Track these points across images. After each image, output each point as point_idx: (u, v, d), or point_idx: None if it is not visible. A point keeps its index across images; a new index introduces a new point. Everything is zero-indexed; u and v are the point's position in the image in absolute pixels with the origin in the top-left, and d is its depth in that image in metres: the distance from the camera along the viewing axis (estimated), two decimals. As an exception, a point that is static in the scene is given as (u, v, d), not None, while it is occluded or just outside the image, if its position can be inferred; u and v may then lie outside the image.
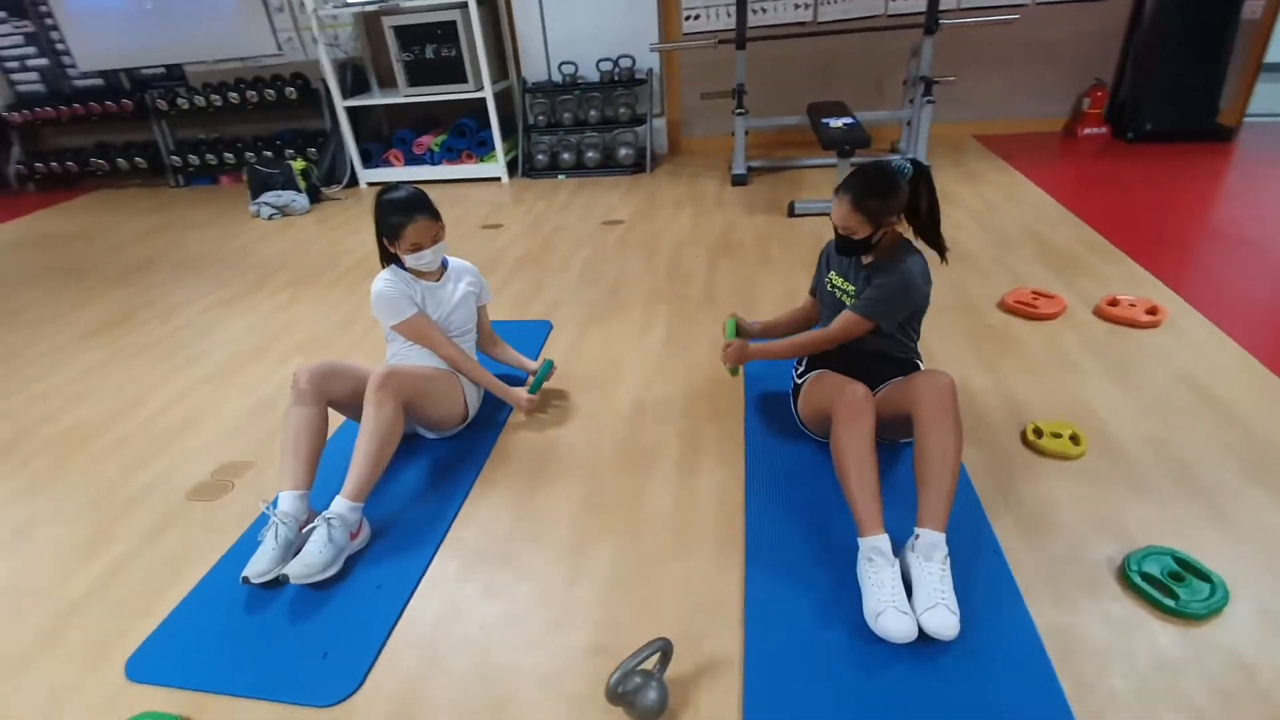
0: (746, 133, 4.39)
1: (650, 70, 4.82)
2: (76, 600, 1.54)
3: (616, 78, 4.77)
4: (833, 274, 1.78)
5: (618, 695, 1.12)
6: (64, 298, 3.41)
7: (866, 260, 1.71)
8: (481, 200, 4.40)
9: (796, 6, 4.67)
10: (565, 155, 4.80)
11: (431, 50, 4.48)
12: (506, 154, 4.78)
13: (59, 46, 5.32)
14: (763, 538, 1.54)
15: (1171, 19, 4.09)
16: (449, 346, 1.90)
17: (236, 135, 5.37)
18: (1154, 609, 1.29)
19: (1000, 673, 1.20)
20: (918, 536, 1.35)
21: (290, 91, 4.96)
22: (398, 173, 4.89)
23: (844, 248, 1.66)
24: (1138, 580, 1.33)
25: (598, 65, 4.79)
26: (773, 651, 1.27)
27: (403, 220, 1.76)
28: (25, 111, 5.38)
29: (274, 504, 1.56)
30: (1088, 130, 4.61)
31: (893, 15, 4.60)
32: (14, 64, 5.45)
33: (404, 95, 4.67)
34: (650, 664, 1.18)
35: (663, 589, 1.44)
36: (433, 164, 4.87)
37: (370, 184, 4.95)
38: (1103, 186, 3.70)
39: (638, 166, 4.76)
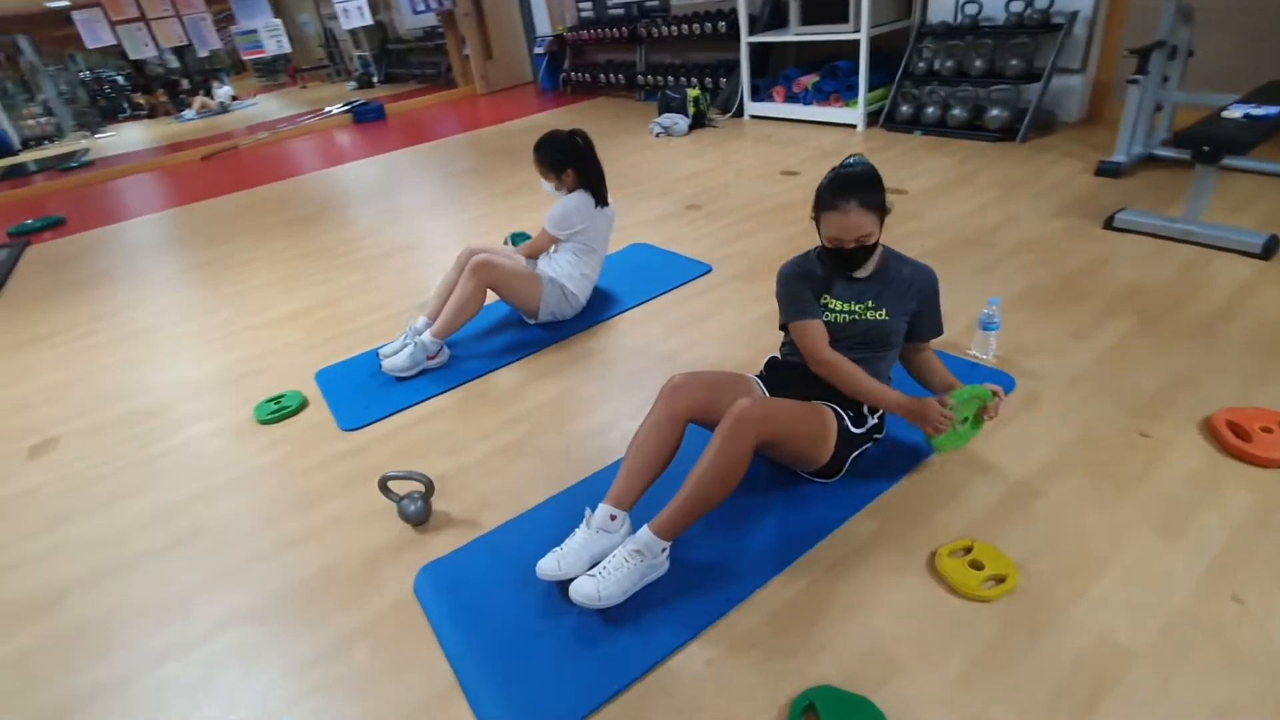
0: (1159, 108, 3.29)
1: (1075, 14, 3.87)
2: (333, 334, 2.81)
3: (1025, 21, 4.00)
4: (829, 299, 1.64)
5: (386, 489, 1.69)
6: (508, 170, 5.09)
7: (863, 275, 1.59)
8: (819, 146, 4.47)
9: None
10: (930, 110, 4.37)
11: (825, -12, 4.54)
12: (872, 103, 4.63)
13: (604, -18, 7.16)
14: (604, 482, 1.76)
15: None
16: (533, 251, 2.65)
17: (688, 61, 6.46)
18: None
19: (575, 671, 1.30)
20: (635, 538, 1.40)
21: (722, 25, 5.70)
22: (777, 108, 5.25)
23: (854, 260, 1.56)
24: (796, 709, 1.15)
25: (1007, 5, 4.08)
26: (510, 542, 1.62)
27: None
28: (576, 33, 7.53)
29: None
30: None
31: None
32: (581, -4, 7.59)
33: (793, 34, 4.91)
34: (419, 490, 1.69)
35: (515, 469, 1.87)
36: (805, 104, 5.06)
37: (753, 115, 5.45)
38: None
39: (1007, 133, 4.03)
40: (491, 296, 2.50)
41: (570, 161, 2.50)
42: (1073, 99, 4.14)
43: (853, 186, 1.49)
